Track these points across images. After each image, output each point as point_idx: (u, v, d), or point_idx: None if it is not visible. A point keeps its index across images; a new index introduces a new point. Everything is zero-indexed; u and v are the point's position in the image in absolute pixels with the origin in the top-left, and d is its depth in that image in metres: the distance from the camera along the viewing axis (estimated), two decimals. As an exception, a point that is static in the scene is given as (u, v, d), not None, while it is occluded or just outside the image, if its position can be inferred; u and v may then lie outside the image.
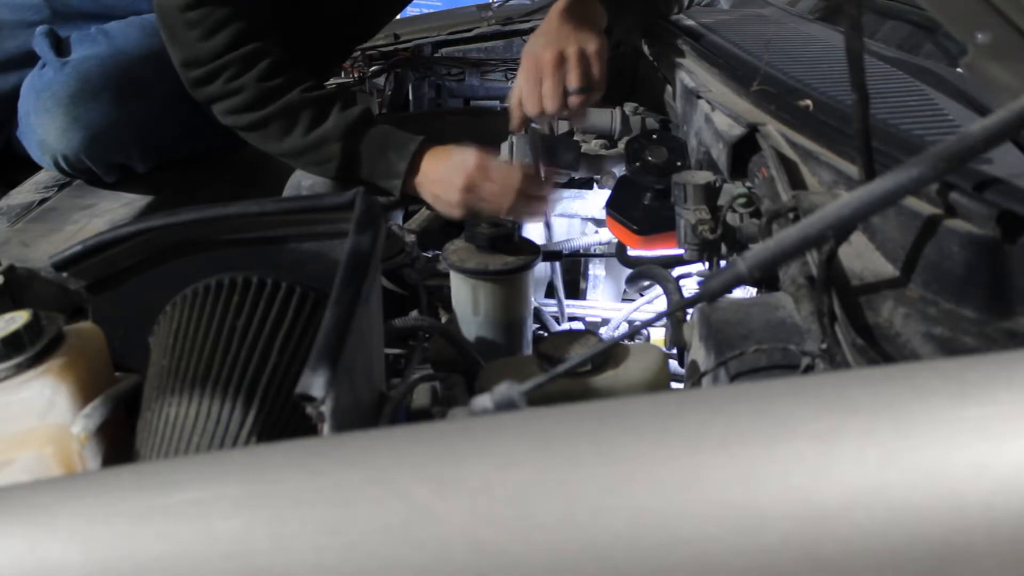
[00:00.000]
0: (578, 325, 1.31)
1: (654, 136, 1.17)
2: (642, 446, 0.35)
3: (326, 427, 0.54)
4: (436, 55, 1.90)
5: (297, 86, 1.17)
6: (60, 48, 1.23)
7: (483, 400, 0.45)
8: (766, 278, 0.74)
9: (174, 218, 0.70)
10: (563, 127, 1.34)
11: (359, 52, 1.79)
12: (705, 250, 0.93)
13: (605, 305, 1.38)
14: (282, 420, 0.61)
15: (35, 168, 1.31)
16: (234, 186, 1.36)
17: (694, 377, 0.64)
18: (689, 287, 1.14)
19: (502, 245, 1.03)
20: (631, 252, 1.23)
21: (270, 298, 0.65)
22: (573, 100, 1.15)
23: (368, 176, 1.18)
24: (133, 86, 1.21)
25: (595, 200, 1.40)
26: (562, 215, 1.43)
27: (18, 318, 0.62)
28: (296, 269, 0.68)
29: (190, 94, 1.19)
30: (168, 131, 1.29)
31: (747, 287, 0.85)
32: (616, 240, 1.28)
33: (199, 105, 1.20)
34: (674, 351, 0.89)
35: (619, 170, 1.34)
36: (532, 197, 1.15)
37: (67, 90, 1.16)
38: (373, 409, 0.69)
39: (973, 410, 0.34)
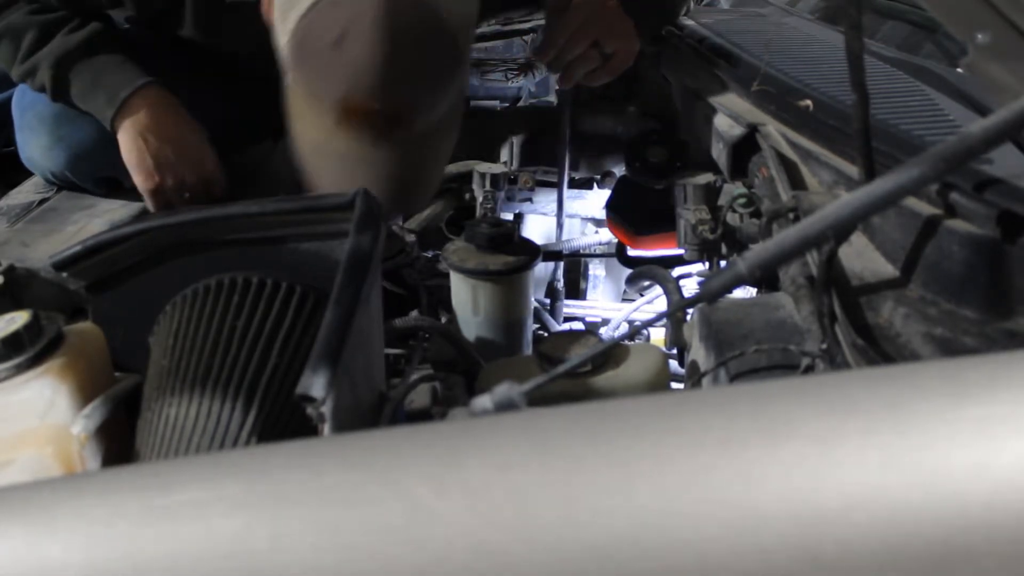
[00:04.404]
0: (578, 325, 1.31)
1: (654, 136, 1.17)
2: (642, 446, 0.35)
3: (326, 427, 0.54)
4: (436, 55, 1.89)
5: (32, 5, 1.09)
6: None
7: (483, 400, 0.45)
8: (766, 278, 0.74)
9: (174, 218, 0.70)
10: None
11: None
12: (705, 250, 0.93)
13: (605, 305, 1.38)
14: (282, 420, 0.61)
15: (35, 168, 1.31)
16: (234, 187, 1.36)
17: (694, 377, 0.64)
18: (689, 287, 1.14)
19: (502, 245, 1.03)
20: (631, 252, 1.23)
21: (270, 298, 0.65)
22: (570, 77, 1.12)
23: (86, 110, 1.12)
24: None
25: (595, 200, 1.40)
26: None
27: (18, 318, 0.62)
28: (296, 269, 0.68)
29: None
30: None
31: (747, 287, 0.85)
32: (616, 240, 1.28)
33: None
34: (674, 351, 0.89)
35: (619, 170, 1.34)
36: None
37: (50, 110, 1.15)
38: (373, 409, 0.69)
39: (973, 410, 0.34)
